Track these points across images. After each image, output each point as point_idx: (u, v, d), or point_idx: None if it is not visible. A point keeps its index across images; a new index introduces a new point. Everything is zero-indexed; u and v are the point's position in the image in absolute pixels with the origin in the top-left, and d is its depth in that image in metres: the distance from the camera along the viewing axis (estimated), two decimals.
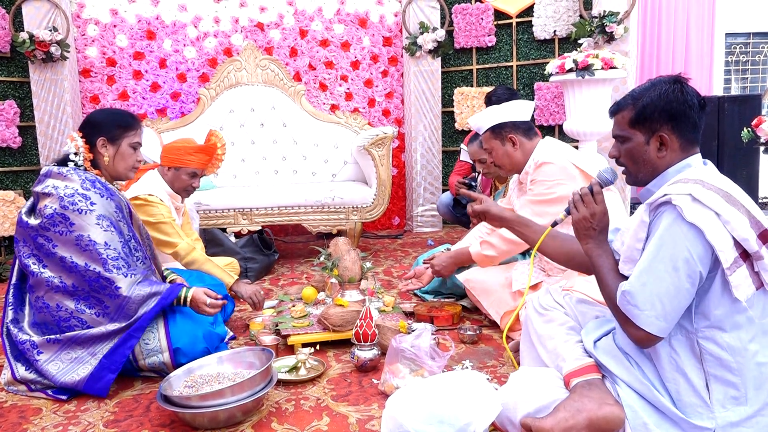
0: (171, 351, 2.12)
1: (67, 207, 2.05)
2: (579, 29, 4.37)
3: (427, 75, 4.87)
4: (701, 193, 1.33)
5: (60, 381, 2.05)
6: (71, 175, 2.12)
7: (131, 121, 2.25)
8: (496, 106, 2.52)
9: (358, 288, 2.55)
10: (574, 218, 1.60)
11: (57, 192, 2.07)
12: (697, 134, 1.48)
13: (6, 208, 4.16)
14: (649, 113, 1.47)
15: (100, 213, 2.09)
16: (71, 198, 2.06)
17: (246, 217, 3.92)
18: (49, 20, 4.27)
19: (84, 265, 2.05)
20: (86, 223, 2.06)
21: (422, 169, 4.95)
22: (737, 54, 7.31)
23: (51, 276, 2.08)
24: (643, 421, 1.42)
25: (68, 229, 2.05)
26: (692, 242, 1.32)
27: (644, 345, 1.43)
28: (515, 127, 2.46)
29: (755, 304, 1.38)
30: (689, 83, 1.49)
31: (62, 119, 4.34)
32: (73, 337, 2.08)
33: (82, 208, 2.07)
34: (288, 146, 4.55)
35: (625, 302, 1.40)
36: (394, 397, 1.65)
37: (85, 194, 2.09)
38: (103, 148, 2.18)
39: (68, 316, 2.09)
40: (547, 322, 1.74)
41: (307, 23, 4.85)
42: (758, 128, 3.48)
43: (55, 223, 2.05)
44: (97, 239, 2.06)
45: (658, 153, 1.48)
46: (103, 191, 2.14)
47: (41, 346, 2.09)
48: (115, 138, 2.19)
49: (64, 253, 2.06)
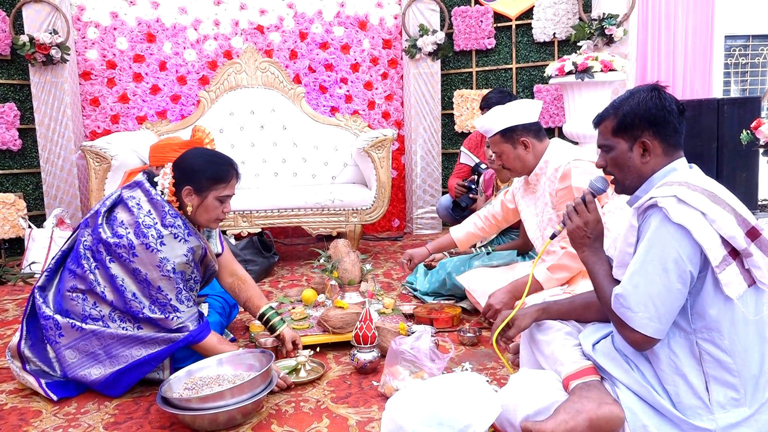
0: (171, 369, 2.12)
1: (139, 236, 2.00)
2: (578, 32, 4.38)
3: (426, 77, 4.88)
4: (686, 194, 1.35)
5: (72, 374, 2.06)
6: (159, 204, 2.05)
7: (225, 174, 2.10)
8: (502, 107, 2.43)
9: (357, 290, 2.55)
10: (569, 228, 1.64)
11: (138, 215, 2.02)
12: (678, 138, 1.51)
13: (6, 211, 4.16)
14: (629, 121, 1.51)
15: (165, 256, 2.01)
16: (147, 230, 2.00)
17: (246, 219, 3.92)
18: (49, 23, 4.27)
19: (132, 294, 2.02)
20: (148, 261, 2.00)
21: (422, 172, 4.96)
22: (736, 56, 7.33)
23: (96, 281, 2.05)
24: (642, 423, 1.42)
25: (130, 259, 2.00)
26: (680, 242, 1.34)
27: (641, 348, 1.44)
28: (526, 129, 2.39)
29: (748, 302, 1.39)
30: (666, 90, 1.53)
31: (62, 122, 4.35)
32: (96, 331, 2.05)
33: (151, 245, 1.99)
34: (288, 148, 4.55)
35: (619, 305, 1.42)
36: (394, 399, 1.65)
37: (160, 231, 2.01)
38: (188, 197, 2.07)
39: (99, 317, 2.06)
40: (545, 329, 1.74)
41: (307, 26, 4.86)
42: (757, 130, 3.49)
43: (120, 245, 2.00)
44: (152, 280, 2.01)
45: (642, 159, 1.52)
46: (181, 232, 2.05)
47: (64, 329, 2.06)
48: (202, 189, 2.07)
49: (117, 272, 2.03)
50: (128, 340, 2.05)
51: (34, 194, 4.54)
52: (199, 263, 2.18)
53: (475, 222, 2.83)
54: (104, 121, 4.64)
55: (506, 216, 2.74)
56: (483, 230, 2.80)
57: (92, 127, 4.63)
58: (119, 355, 2.05)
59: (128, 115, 4.67)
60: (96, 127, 4.63)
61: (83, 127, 4.62)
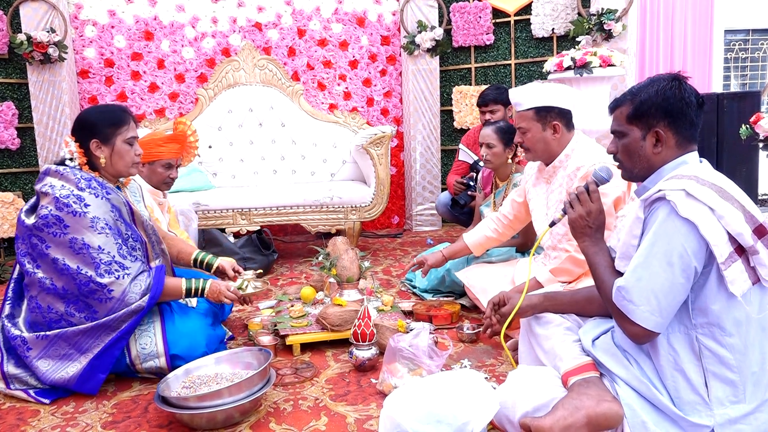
0: (167, 357, 2.12)
1: (62, 208, 2.02)
2: (577, 27, 4.36)
3: (425, 74, 4.86)
4: (695, 189, 1.34)
5: (50, 379, 2.05)
6: (68, 174, 2.08)
7: (122, 116, 2.16)
8: (543, 84, 2.35)
9: (356, 287, 2.54)
10: (571, 217, 1.62)
11: (53, 192, 2.04)
12: (693, 132, 1.48)
13: (5, 210, 4.15)
14: (646, 109, 1.48)
15: (94, 215, 2.04)
16: (66, 199, 2.03)
17: (245, 217, 3.91)
18: (46, 21, 4.26)
19: (76, 268, 2.02)
20: (80, 226, 2.03)
21: (421, 168, 4.94)
22: (736, 51, 7.31)
23: (43, 277, 2.07)
24: (641, 420, 1.41)
25: (62, 231, 2.02)
26: (686, 237, 1.33)
27: (640, 341, 1.44)
28: (561, 114, 2.31)
29: (752, 300, 1.38)
30: (688, 81, 1.49)
31: (61, 120, 4.34)
32: (60, 334, 2.07)
33: (77, 210, 2.02)
34: (286, 146, 4.54)
35: (621, 298, 1.41)
36: (392, 396, 1.65)
37: (79, 195, 2.05)
38: (98, 150, 2.12)
39: (58, 318, 2.08)
40: (544, 323, 1.74)
41: (305, 23, 4.84)
42: (756, 125, 3.47)
43: (49, 224, 2.03)
44: (90, 242, 2.03)
45: (653, 149, 1.49)
46: (99, 191, 2.09)
47: (30, 342, 2.09)
48: (107, 137, 2.12)
49: (57, 254, 2.04)
50: (94, 330, 2.06)
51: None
52: (132, 223, 2.20)
53: (487, 225, 2.73)
54: None
55: (518, 214, 2.64)
56: (496, 231, 2.69)
57: None
58: (91, 346, 2.07)
59: None
60: None
61: None
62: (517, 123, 2.39)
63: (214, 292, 2.23)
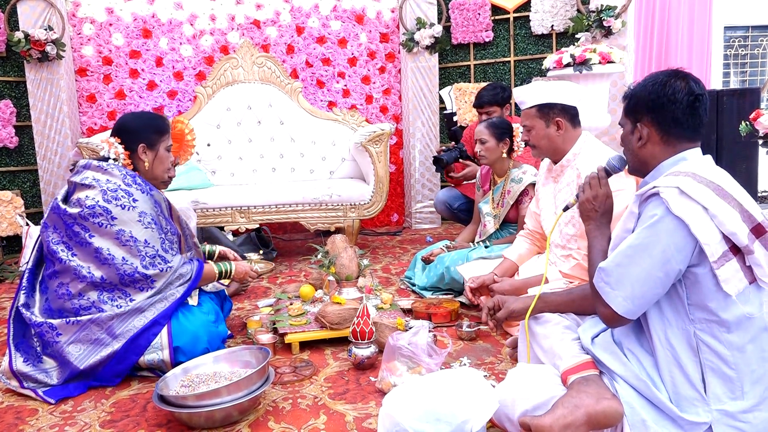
0: (171, 349, 2.12)
1: (110, 201, 2.10)
2: (576, 24, 4.35)
3: (424, 71, 4.86)
4: (690, 187, 1.34)
5: (84, 365, 2.08)
6: (112, 170, 2.17)
7: (164, 125, 2.31)
8: (546, 82, 2.33)
9: (355, 285, 2.54)
10: (581, 200, 1.68)
11: (99, 185, 2.12)
12: (680, 130, 1.47)
13: (3, 208, 4.15)
14: (633, 103, 1.52)
15: (142, 210, 2.15)
16: (114, 192, 2.11)
17: (244, 215, 3.91)
18: (44, 19, 4.25)
19: (122, 258, 2.10)
20: (128, 219, 2.11)
21: (420, 166, 4.94)
22: (736, 47, 7.30)
23: (79, 265, 2.11)
24: (641, 418, 1.41)
25: (109, 222, 2.09)
26: (673, 234, 1.33)
27: (611, 324, 1.47)
28: (564, 110, 2.31)
29: (750, 299, 1.37)
30: (689, 78, 1.48)
31: (59, 118, 4.33)
32: (92, 318, 2.10)
33: (125, 204, 2.12)
34: (285, 144, 4.53)
35: (599, 279, 1.45)
36: (391, 394, 1.64)
37: (127, 190, 2.14)
38: (144, 154, 2.25)
39: (89, 306, 2.11)
40: (543, 322, 1.73)
41: (304, 20, 4.83)
42: (756, 122, 3.47)
43: (95, 214, 2.09)
44: (137, 236, 2.12)
45: (638, 143, 1.52)
46: (144, 187, 2.20)
47: (60, 328, 2.10)
48: (153, 143, 2.26)
49: (101, 244, 2.09)
50: (127, 315, 2.12)
51: (32, 191, 4.53)
52: (170, 218, 2.31)
53: (520, 243, 2.65)
54: (101, 117, 4.62)
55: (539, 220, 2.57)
56: (533, 244, 2.62)
57: (89, 124, 4.61)
58: (124, 331, 2.11)
59: (125, 111, 4.64)
60: (93, 123, 4.61)
61: (80, 123, 4.61)
62: (522, 121, 2.40)
63: (240, 272, 2.46)
